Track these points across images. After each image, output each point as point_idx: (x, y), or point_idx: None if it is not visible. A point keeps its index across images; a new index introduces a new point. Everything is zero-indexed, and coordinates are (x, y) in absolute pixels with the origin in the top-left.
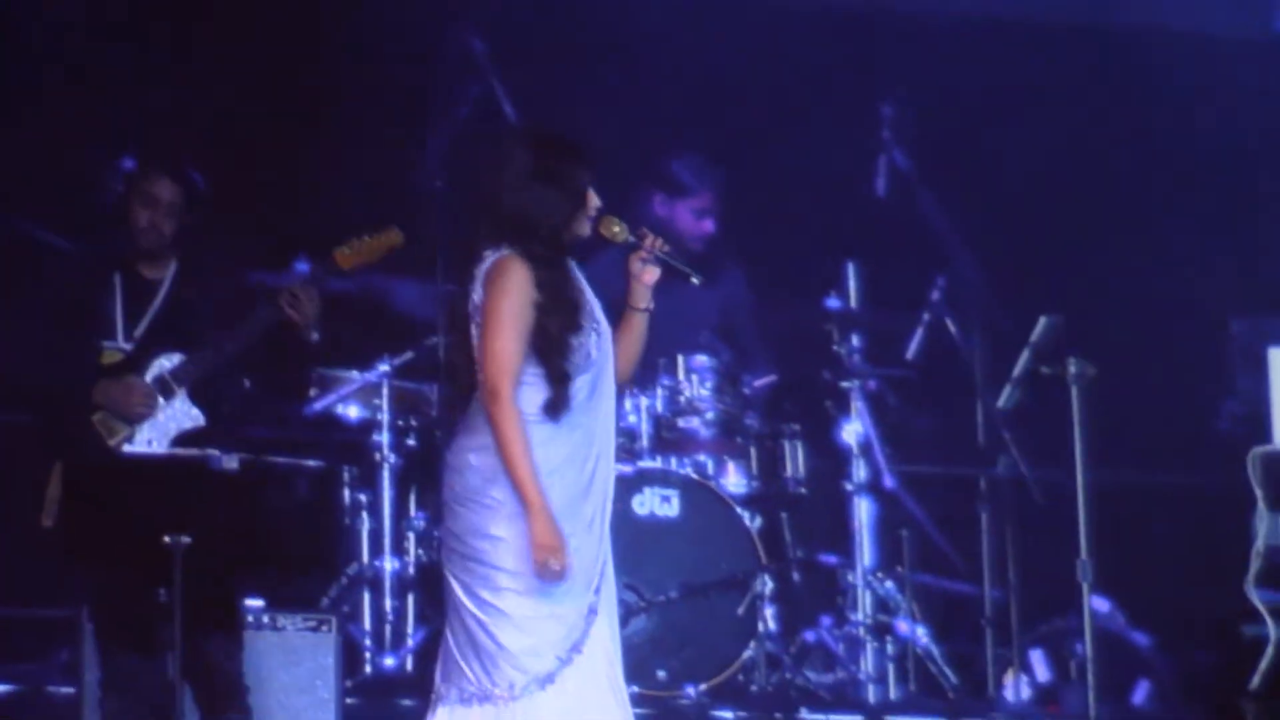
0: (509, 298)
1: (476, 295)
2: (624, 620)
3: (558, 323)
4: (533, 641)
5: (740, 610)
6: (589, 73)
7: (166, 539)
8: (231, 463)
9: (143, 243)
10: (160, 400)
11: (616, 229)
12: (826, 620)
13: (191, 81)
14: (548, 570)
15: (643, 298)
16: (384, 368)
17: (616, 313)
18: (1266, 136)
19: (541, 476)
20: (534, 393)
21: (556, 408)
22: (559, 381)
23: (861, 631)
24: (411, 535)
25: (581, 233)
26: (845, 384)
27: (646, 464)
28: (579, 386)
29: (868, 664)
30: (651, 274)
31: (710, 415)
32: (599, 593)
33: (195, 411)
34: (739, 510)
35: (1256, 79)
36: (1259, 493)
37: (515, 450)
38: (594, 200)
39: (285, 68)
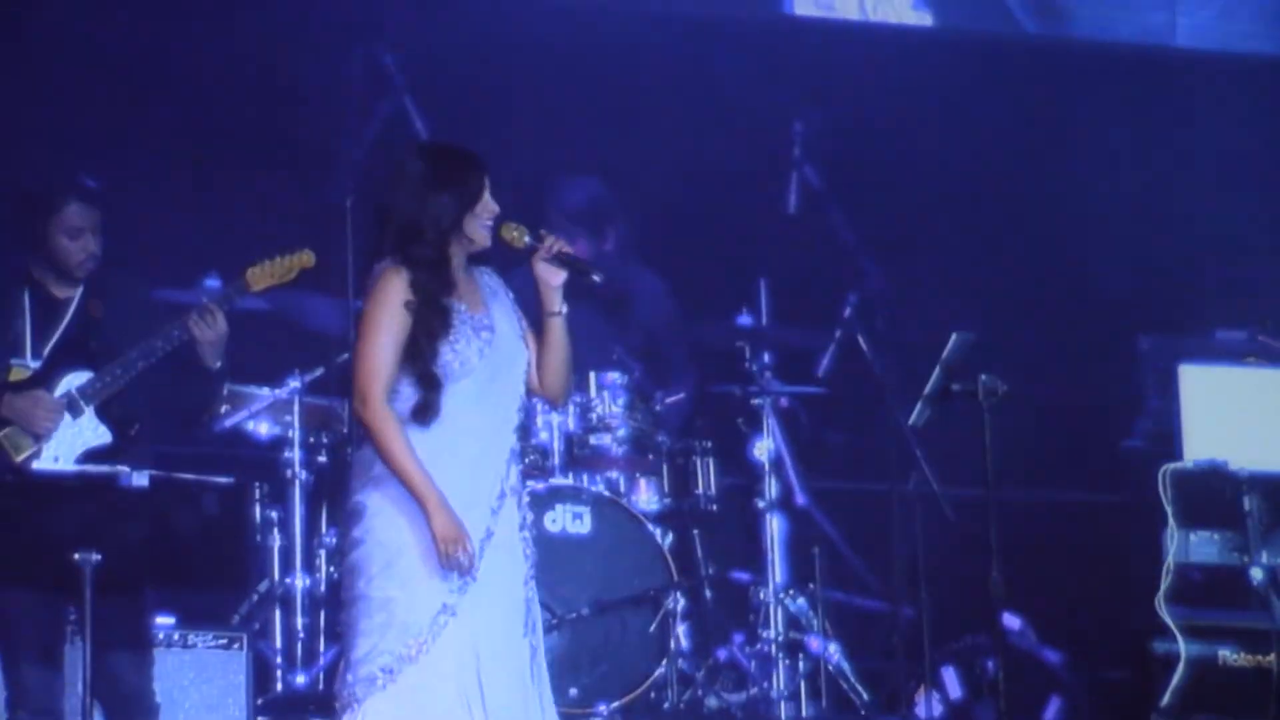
0: (380, 305)
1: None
2: None
3: (426, 327)
4: (376, 641)
5: (652, 628)
6: (499, 87)
7: (75, 556)
8: (141, 479)
9: (80, 271)
10: (68, 417)
11: (515, 233)
12: (738, 638)
13: (101, 97)
14: (453, 561)
15: (552, 301)
16: (294, 384)
17: (537, 326)
18: (1179, 155)
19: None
20: (406, 399)
21: (423, 412)
22: (426, 386)
23: (773, 649)
24: (323, 552)
25: (478, 238)
26: (757, 401)
27: (558, 481)
28: (458, 392)
29: (780, 681)
30: (555, 275)
31: (622, 432)
32: (462, 593)
33: (103, 429)
34: (651, 527)
35: (1170, 96)
36: (1169, 510)
37: (394, 450)
38: (490, 206)
39: (195, 83)
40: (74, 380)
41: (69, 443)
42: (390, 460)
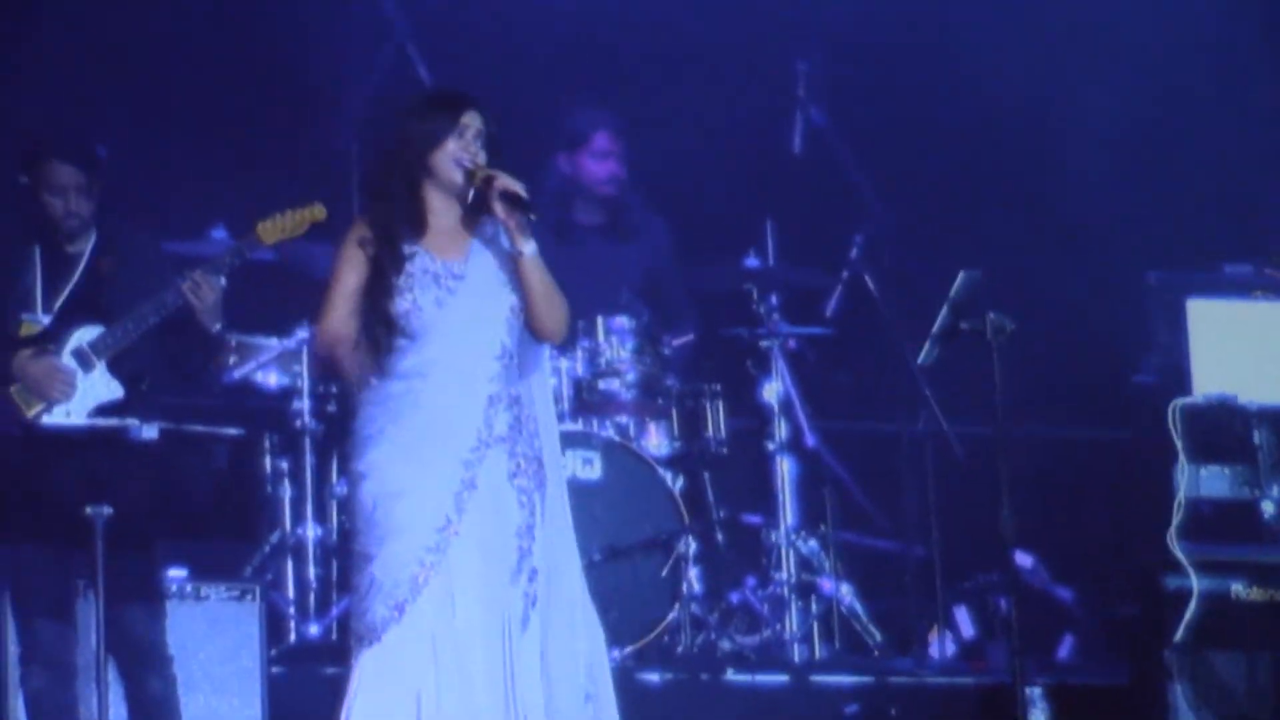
0: (342, 246)
1: None
2: None
3: (377, 264)
4: (362, 598)
5: (664, 572)
6: (502, 33)
7: (87, 510)
8: (151, 432)
9: (64, 229)
10: (80, 375)
11: (478, 175)
12: (751, 581)
13: (106, 51)
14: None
15: (515, 241)
16: (303, 334)
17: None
18: (1186, 91)
19: (378, 434)
20: (366, 352)
21: (376, 348)
22: (378, 322)
23: (785, 591)
24: (334, 502)
25: (452, 178)
26: (765, 343)
27: (568, 426)
28: (422, 343)
29: (792, 623)
30: (510, 216)
31: (630, 377)
32: (440, 550)
33: (115, 384)
34: (661, 471)
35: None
36: (1180, 445)
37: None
38: (469, 147)
39: (202, 34)
40: (85, 335)
41: (80, 397)
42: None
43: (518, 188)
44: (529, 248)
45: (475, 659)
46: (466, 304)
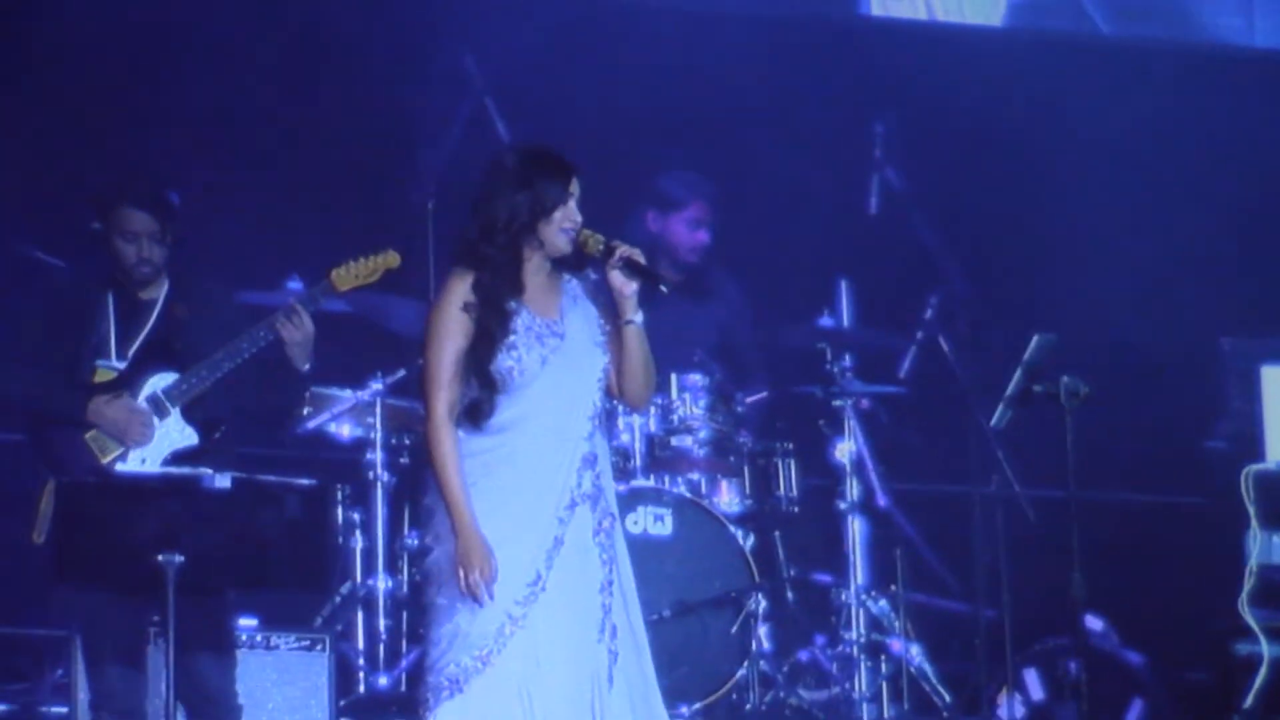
0: (440, 310)
1: None
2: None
3: (484, 328)
4: (444, 650)
5: (734, 629)
6: (581, 90)
7: (159, 558)
8: (224, 481)
9: (136, 276)
10: (156, 422)
11: (591, 241)
12: (820, 639)
13: (185, 100)
14: (468, 587)
15: (624, 309)
16: (377, 386)
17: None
18: (1260, 154)
19: (471, 487)
20: (462, 411)
21: (476, 412)
22: (482, 385)
23: (855, 650)
24: (405, 554)
25: (556, 245)
26: (838, 402)
27: (640, 483)
28: (520, 399)
29: (861, 683)
30: (626, 285)
31: (703, 434)
32: (529, 603)
33: (189, 431)
34: (732, 529)
35: (1248, 97)
36: (1252, 511)
37: (442, 467)
38: (572, 213)
39: (279, 86)
40: (159, 382)
41: (155, 444)
42: (437, 474)
43: (641, 259)
44: (639, 317)
45: (562, 713)
46: (566, 362)
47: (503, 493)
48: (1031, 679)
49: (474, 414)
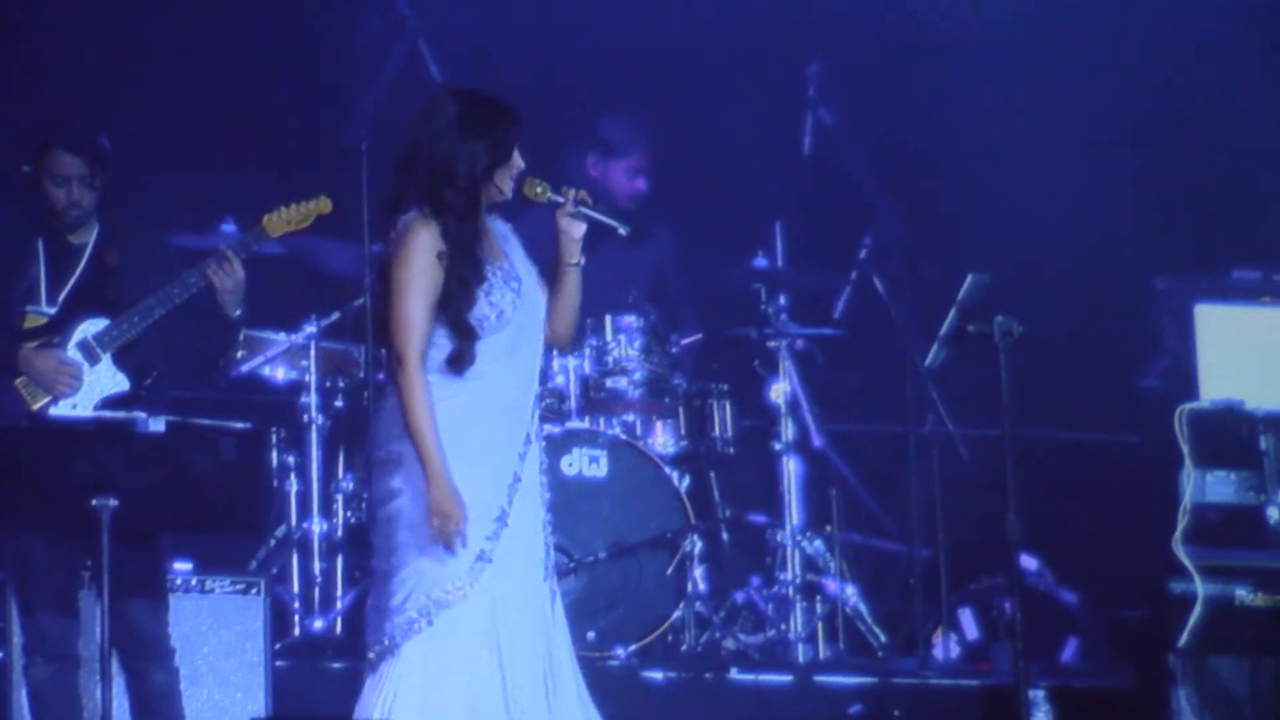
0: (412, 261)
1: (389, 258)
2: None
3: (460, 277)
4: (414, 586)
5: (669, 570)
6: (515, 33)
7: (93, 502)
8: (158, 425)
9: (66, 219)
10: (86, 368)
11: (539, 189)
12: (755, 580)
13: (115, 44)
14: (443, 534)
15: (572, 253)
16: (311, 329)
17: (549, 274)
18: (1196, 95)
19: (441, 431)
20: (441, 348)
21: (459, 361)
22: (461, 336)
23: (791, 591)
24: (340, 497)
25: (504, 191)
26: (773, 343)
27: (575, 424)
28: (492, 344)
29: (797, 624)
30: (578, 229)
31: (638, 375)
32: (496, 539)
33: (120, 376)
34: (667, 470)
35: (1201, 34)
36: (1186, 449)
37: (418, 417)
38: (517, 161)
39: (211, 28)
40: (90, 327)
41: (86, 390)
42: (412, 424)
43: (593, 204)
44: (583, 259)
45: (523, 648)
46: (528, 305)
47: (475, 434)
48: (967, 618)
49: (457, 363)
